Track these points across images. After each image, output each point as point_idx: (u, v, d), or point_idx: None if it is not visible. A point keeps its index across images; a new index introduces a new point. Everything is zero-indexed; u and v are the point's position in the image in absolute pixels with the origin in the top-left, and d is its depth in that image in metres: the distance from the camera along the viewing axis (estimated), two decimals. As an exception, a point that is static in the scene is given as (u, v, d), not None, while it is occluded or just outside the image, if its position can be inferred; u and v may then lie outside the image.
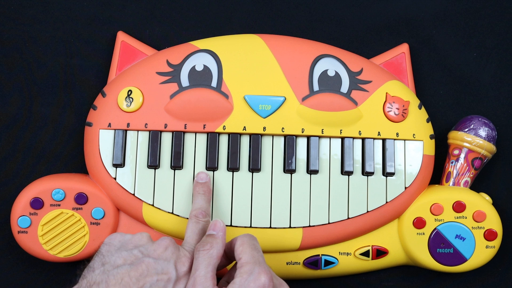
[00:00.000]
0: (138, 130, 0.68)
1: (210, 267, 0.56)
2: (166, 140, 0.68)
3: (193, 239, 0.60)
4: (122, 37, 0.71)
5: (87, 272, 0.55)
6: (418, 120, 0.70)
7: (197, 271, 0.55)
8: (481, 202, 0.69)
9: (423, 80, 0.75)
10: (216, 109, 0.67)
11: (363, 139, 0.69)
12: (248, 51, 0.69)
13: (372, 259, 0.69)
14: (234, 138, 0.68)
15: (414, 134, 0.69)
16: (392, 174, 0.69)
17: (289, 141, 0.68)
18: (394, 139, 0.69)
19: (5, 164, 0.71)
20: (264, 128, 0.68)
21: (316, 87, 0.69)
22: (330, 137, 0.69)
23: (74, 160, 0.72)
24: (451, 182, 0.70)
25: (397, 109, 0.69)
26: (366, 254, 0.69)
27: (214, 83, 0.68)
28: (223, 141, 0.68)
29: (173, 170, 0.67)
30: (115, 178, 0.67)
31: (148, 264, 0.55)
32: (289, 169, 0.68)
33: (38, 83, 0.72)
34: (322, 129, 0.68)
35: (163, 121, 0.67)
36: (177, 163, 0.67)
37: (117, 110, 0.67)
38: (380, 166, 0.69)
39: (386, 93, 0.69)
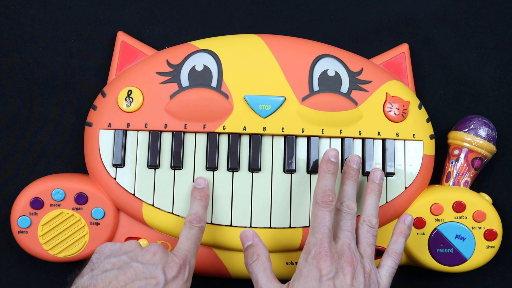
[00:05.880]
0: (138, 130, 0.68)
1: (268, 271, 0.60)
2: (166, 140, 0.68)
3: (185, 245, 0.60)
4: (122, 37, 0.71)
5: (77, 279, 0.56)
6: (418, 120, 0.70)
7: (259, 281, 0.59)
8: (481, 202, 0.69)
9: (423, 80, 0.75)
10: (216, 109, 0.67)
11: (363, 139, 0.69)
12: (248, 51, 0.69)
13: (372, 259, 0.69)
14: (234, 138, 0.68)
15: (414, 134, 0.69)
16: (392, 174, 0.69)
17: (289, 141, 0.68)
18: (394, 139, 0.69)
19: (5, 164, 0.71)
20: (264, 128, 0.68)
21: (316, 87, 0.69)
22: (330, 137, 0.69)
23: (74, 160, 0.72)
24: (451, 182, 0.70)
25: (397, 109, 0.69)
26: (366, 254, 0.69)
27: (214, 83, 0.68)
28: (223, 141, 0.68)
29: (173, 170, 0.67)
30: (115, 178, 0.67)
31: (136, 268, 0.55)
32: (289, 169, 0.68)
33: (38, 83, 0.72)
34: (322, 129, 0.68)
35: (163, 121, 0.67)
36: (177, 163, 0.67)
37: (117, 110, 0.67)
38: (380, 166, 0.69)
39: (386, 93, 0.69)
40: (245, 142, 0.68)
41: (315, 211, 0.61)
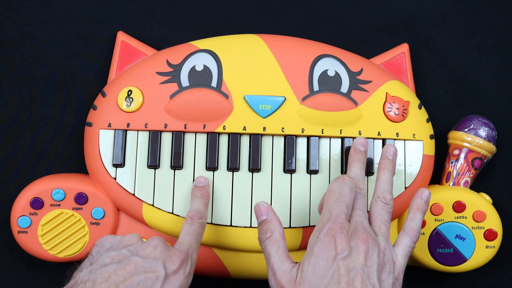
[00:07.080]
0: (138, 130, 0.68)
1: (281, 249, 0.57)
2: (166, 140, 0.68)
3: (186, 240, 0.60)
4: (122, 37, 0.71)
5: (76, 273, 0.56)
6: (418, 120, 0.70)
7: (271, 260, 0.57)
8: (481, 202, 0.69)
9: (423, 80, 0.75)
10: (216, 109, 0.67)
11: (363, 139, 0.69)
12: (248, 51, 0.69)
13: (372, 259, 0.69)
14: (234, 138, 0.68)
15: (414, 134, 0.69)
16: (392, 174, 0.69)
17: (289, 141, 0.68)
18: (394, 139, 0.69)
19: (5, 164, 0.71)
20: (264, 128, 0.68)
21: (316, 87, 0.69)
22: (330, 137, 0.69)
23: (74, 160, 0.72)
24: (451, 182, 0.70)
25: (397, 109, 0.69)
26: (366, 254, 0.69)
27: (214, 83, 0.68)
28: (223, 141, 0.68)
29: (173, 170, 0.67)
30: (115, 178, 0.67)
31: (136, 262, 0.55)
32: (289, 169, 0.68)
33: (38, 83, 0.72)
34: (322, 129, 0.68)
35: (163, 121, 0.67)
36: (177, 163, 0.67)
37: (117, 110, 0.67)
38: (380, 166, 0.69)
39: (386, 93, 0.69)
40: (245, 142, 0.68)
41: (335, 187, 0.58)
